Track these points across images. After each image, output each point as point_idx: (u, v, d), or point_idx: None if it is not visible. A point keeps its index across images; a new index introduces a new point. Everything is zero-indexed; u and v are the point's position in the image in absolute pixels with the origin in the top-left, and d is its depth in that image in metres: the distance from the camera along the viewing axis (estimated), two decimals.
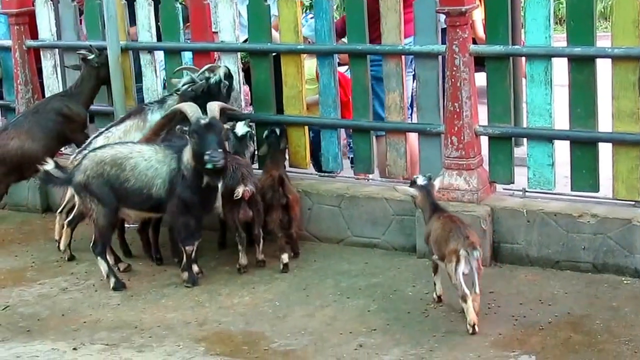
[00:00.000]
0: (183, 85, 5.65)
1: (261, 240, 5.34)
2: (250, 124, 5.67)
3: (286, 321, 4.57)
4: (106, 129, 5.74)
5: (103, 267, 5.02)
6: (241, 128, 5.50)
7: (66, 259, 5.60)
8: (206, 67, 5.74)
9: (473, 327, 4.34)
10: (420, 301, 4.70)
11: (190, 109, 5.07)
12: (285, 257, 5.23)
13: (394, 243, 5.43)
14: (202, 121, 4.90)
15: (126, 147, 5.14)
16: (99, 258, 5.02)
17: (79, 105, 6.17)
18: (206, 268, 5.33)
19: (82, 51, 6.17)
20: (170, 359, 4.28)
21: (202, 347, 4.34)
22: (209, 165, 4.81)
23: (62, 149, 6.47)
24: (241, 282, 5.12)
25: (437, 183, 4.79)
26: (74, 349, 4.41)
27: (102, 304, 4.96)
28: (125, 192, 4.99)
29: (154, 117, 5.69)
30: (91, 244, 5.09)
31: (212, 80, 5.63)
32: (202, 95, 5.56)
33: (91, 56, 6.12)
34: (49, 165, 5.20)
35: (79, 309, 4.91)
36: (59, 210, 5.76)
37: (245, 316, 4.66)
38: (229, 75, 5.71)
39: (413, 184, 4.74)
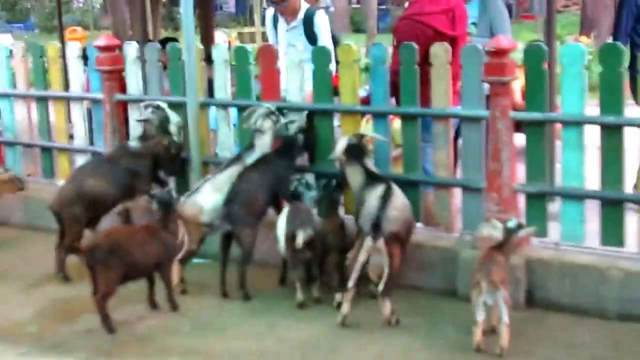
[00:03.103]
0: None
1: (317, 279, 5.35)
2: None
3: (339, 354, 4.61)
4: (212, 177, 5.84)
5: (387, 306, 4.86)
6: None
7: None
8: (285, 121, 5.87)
9: (477, 347, 4.48)
10: (459, 341, 4.69)
11: None
12: (339, 296, 5.21)
13: (437, 286, 5.45)
14: None
15: None
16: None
17: (144, 163, 6.24)
18: (265, 302, 5.38)
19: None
20: None
21: None
22: None
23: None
24: (299, 316, 5.14)
25: (523, 233, 4.79)
26: None
27: (176, 332, 5.01)
28: None
29: (250, 161, 5.79)
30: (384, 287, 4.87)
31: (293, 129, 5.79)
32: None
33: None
34: None
35: (155, 335, 4.95)
36: None
37: (302, 348, 4.69)
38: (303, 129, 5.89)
39: (504, 225, 4.81)
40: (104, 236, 5.33)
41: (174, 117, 6.32)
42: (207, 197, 5.63)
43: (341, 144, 5.46)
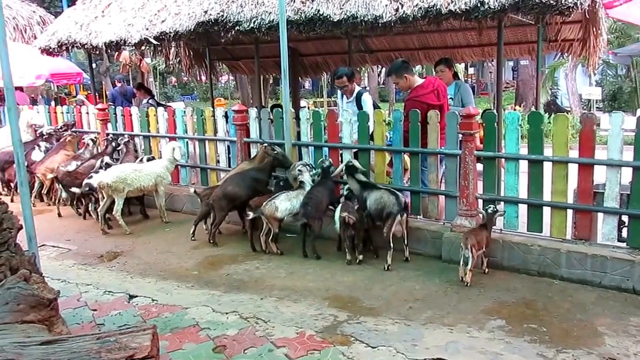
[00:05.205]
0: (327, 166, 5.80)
1: (356, 248, 5.30)
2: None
3: (370, 291, 4.60)
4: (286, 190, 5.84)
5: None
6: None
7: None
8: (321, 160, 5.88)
9: (461, 278, 4.63)
10: (442, 284, 4.69)
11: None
12: (360, 257, 5.24)
13: (430, 253, 5.39)
14: None
15: None
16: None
17: (264, 174, 6.22)
18: (328, 260, 5.34)
19: (268, 148, 6.27)
20: (311, 308, 4.28)
21: (327, 302, 4.39)
22: None
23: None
24: (348, 269, 5.14)
25: (496, 215, 4.84)
26: (261, 298, 4.49)
27: (276, 277, 5.02)
28: None
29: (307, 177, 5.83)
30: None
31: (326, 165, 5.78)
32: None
33: (272, 152, 6.21)
34: None
35: (264, 278, 4.98)
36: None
37: (349, 287, 4.70)
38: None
39: (486, 210, 4.86)
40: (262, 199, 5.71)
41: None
42: (282, 203, 5.61)
43: (340, 166, 5.67)
